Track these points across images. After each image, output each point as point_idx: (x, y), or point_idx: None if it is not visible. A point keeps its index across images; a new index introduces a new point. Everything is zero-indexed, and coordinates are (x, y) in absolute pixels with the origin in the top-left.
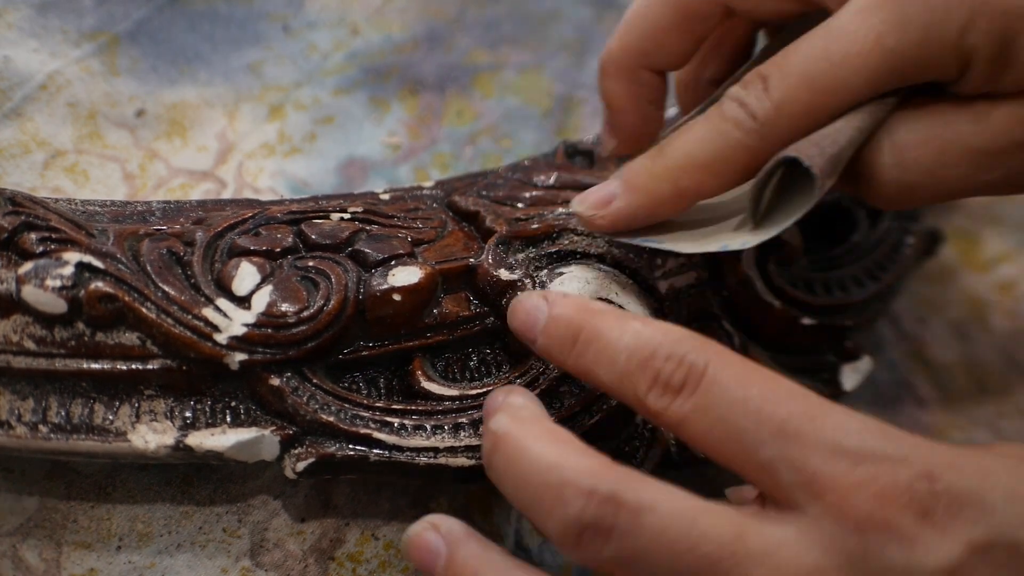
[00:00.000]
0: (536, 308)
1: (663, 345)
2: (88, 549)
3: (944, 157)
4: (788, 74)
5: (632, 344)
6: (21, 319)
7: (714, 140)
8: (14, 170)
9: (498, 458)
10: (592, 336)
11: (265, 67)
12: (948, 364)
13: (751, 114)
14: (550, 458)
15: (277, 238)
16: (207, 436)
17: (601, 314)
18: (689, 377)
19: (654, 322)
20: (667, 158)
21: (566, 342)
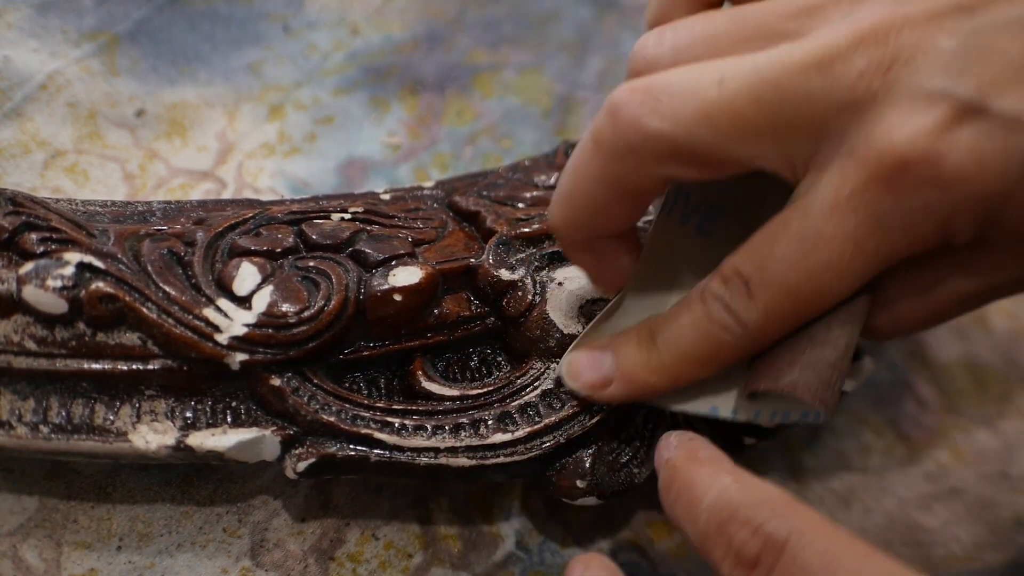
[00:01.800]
0: (667, 446)
1: (742, 508)
2: (88, 549)
3: (939, 308)
4: (769, 281)
5: (714, 502)
6: (22, 319)
7: (705, 342)
8: (14, 170)
9: None
10: (684, 487)
11: (265, 67)
12: (948, 364)
13: (739, 321)
14: None
15: (278, 238)
16: (208, 436)
17: (698, 463)
18: (765, 550)
19: (745, 477)
20: (662, 354)
21: (665, 487)
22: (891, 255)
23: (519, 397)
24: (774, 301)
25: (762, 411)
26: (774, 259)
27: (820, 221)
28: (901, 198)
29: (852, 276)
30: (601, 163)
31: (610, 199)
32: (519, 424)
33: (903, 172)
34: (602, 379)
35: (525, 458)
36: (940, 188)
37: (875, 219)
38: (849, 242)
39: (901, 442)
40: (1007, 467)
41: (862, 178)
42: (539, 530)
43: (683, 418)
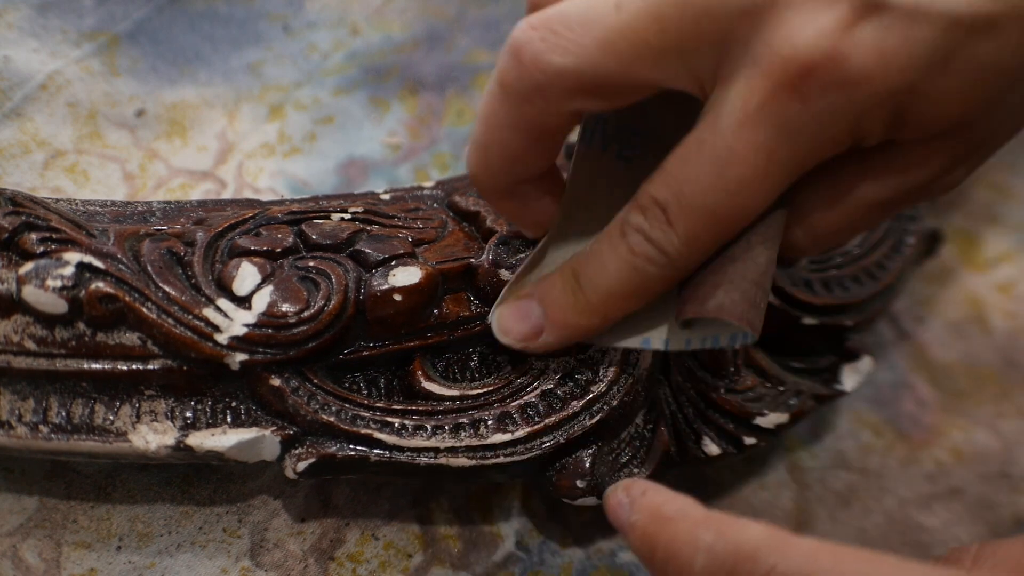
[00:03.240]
0: (620, 506)
1: (740, 566)
2: (88, 549)
3: (850, 214)
4: (687, 206)
5: (705, 566)
6: (22, 319)
7: (631, 275)
8: (14, 170)
9: None
10: (667, 554)
11: (265, 67)
12: (948, 364)
13: (661, 250)
14: None
15: (278, 238)
16: (207, 436)
17: (673, 524)
18: None
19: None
20: (588, 294)
21: (646, 553)
22: (804, 163)
23: (519, 397)
24: (694, 226)
25: (692, 339)
26: (689, 182)
27: (731, 138)
28: (808, 104)
29: (768, 189)
30: (509, 108)
31: (524, 143)
32: (519, 424)
33: (808, 77)
34: (532, 329)
35: (525, 458)
36: (846, 90)
37: (785, 128)
38: (762, 155)
39: (901, 442)
40: (1007, 467)
41: (768, 88)
42: (539, 530)
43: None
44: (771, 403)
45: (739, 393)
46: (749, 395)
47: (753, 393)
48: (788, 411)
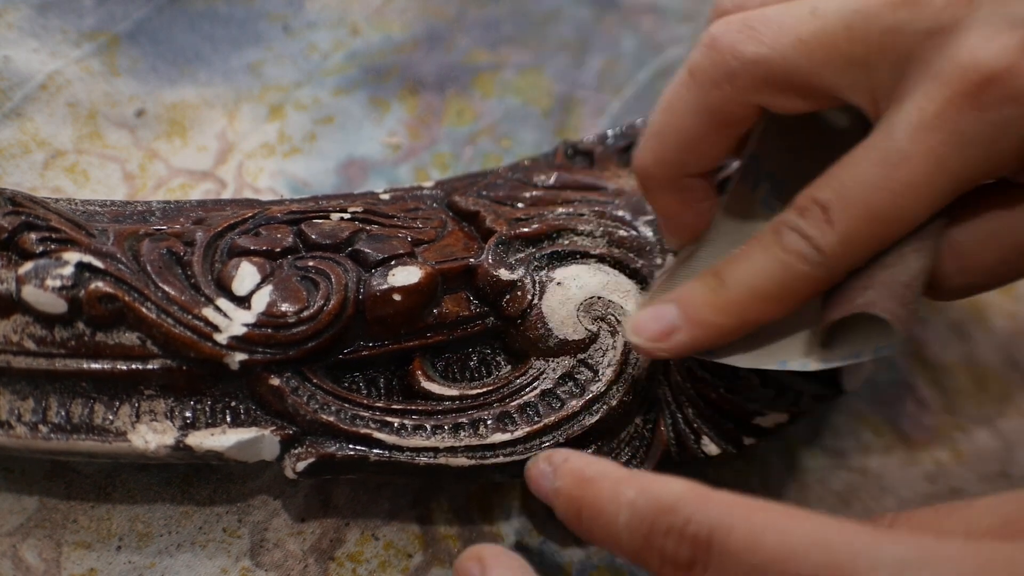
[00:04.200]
0: (542, 475)
1: (661, 516)
2: (88, 549)
3: (1007, 255)
4: (849, 205)
5: (629, 521)
6: (21, 319)
7: (778, 273)
8: (14, 170)
9: None
10: (593, 513)
11: (265, 67)
12: (948, 364)
13: (816, 247)
14: None
15: (277, 238)
16: (207, 436)
17: (597, 484)
18: (695, 552)
19: (649, 487)
20: (730, 291)
21: (573, 517)
22: (972, 176)
23: (518, 397)
24: (854, 225)
25: (834, 357)
26: (855, 182)
27: (903, 141)
28: (984, 114)
29: (933, 197)
30: (697, 92)
31: (704, 129)
32: (518, 424)
33: (986, 87)
34: (666, 328)
35: (525, 458)
36: (1022, 104)
37: (958, 135)
38: (932, 160)
39: (901, 442)
40: (1007, 467)
41: (946, 96)
42: (539, 530)
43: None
44: (771, 403)
45: (738, 393)
46: (748, 395)
47: (752, 393)
48: (788, 411)
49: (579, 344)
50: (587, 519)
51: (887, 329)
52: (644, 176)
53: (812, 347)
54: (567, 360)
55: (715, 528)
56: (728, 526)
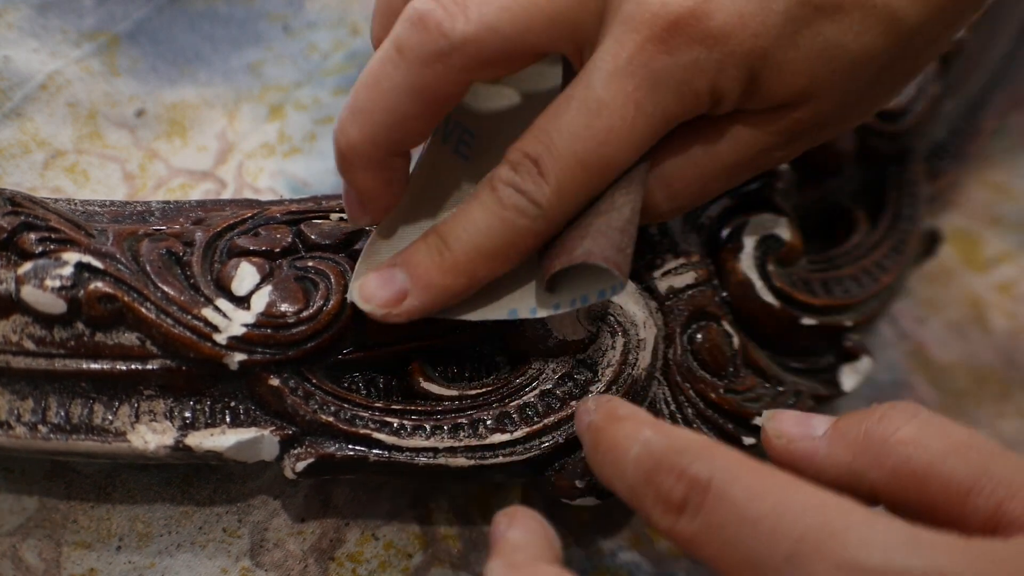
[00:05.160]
0: (586, 411)
1: (666, 456)
2: (88, 549)
3: (707, 177)
4: (559, 156)
5: (638, 455)
6: (20, 319)
7: (500, 229)
8: (14, 170)
9: None
10: (609, 446)
11: (265, 67)
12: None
13: (534, 202)
14: None
15: (276, 238)
16: (206, 436)
17: (622, 421)
18: (692, 493)
19: (667, 429)
20: (455, 252)
21: (592, 450)
22: (668, 116)
23: (518, 397)
24: (565, 175)
25: (561, 302)
26: (560, 133)
27: (601, 89)
28: (674, 57)
29: (636, 139)
30: (407, 72)
31: (416, 109)
32: (518, 424)
33: (674, 31)
34: (396, 294)
35: (524, 458)
36: (708, 45)
37: (652, 79)
38: (630, 105)
39: None
40: None
41: (637, 41)
42: None
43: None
44: (770, 403)
45: (738, 393)
46: (748, 395)
47: (752, 393)
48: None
49: (579, 344)
50: (603, 451)
51: (608, 273)
52: (348, 154)
53: (539, 294)
54: (567, 360)
55: (718, 472)
56: (733, 475)
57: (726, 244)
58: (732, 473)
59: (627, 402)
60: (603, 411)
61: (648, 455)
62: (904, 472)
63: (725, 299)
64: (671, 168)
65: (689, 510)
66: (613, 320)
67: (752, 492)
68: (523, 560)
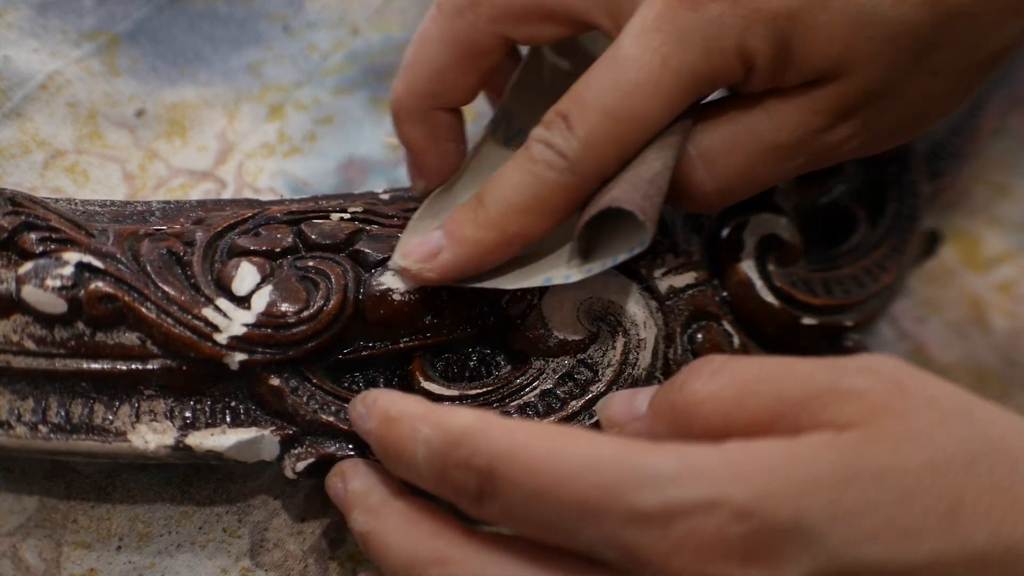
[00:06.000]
0: (360, 417)
1: (448, 452)
2: (88, 549)
3: (752, 159)
4: (587, 109)
5: (426, 457)
6: (21, 319)
7: (531, 184)
8: (14, 170)
9: (372, 554)
10: (397, 453)
11: (265, 67)
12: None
13: (560, 154)
14: (409, 553)
15: (277, 238)
16: (207, 436)
17: (399, 424)
18: (482, 482)
19: (437, 418)
20: (488, 208)
21: (382, 454)
22: (697, 73)
23: (518, 397)
24: (592, 126)
25: (593, 266)
26: (589, 90)
27: (629, 47)
28: (698, 13)
29: (664, 94)
30: (442, 23)
31: (452, 59)
32: None
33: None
34: (432, 250)
35: None
36: (732, 1)
37: (677, 35)
38: (656, 59)
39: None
40: None
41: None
42: None
43: None
44: None
45: None
46: None
47: None
48: None
49: (579, 344)
50: (393, 458)
51: (638, 229)
52: (395, 107)
53: (573, 261)
54: (567, 360)
55: (495, 458)
56: (509, 454)
57: (726, 244)
58: (507, 451)
59: (391, 393)
60: (376, 416)
61: (434, 455)
62: (711, 431)
63: (725, 299)
64: (713, 144)
65: (486, 499)
66: (613, 320)
67: (529, 466)
68: (377, 501)
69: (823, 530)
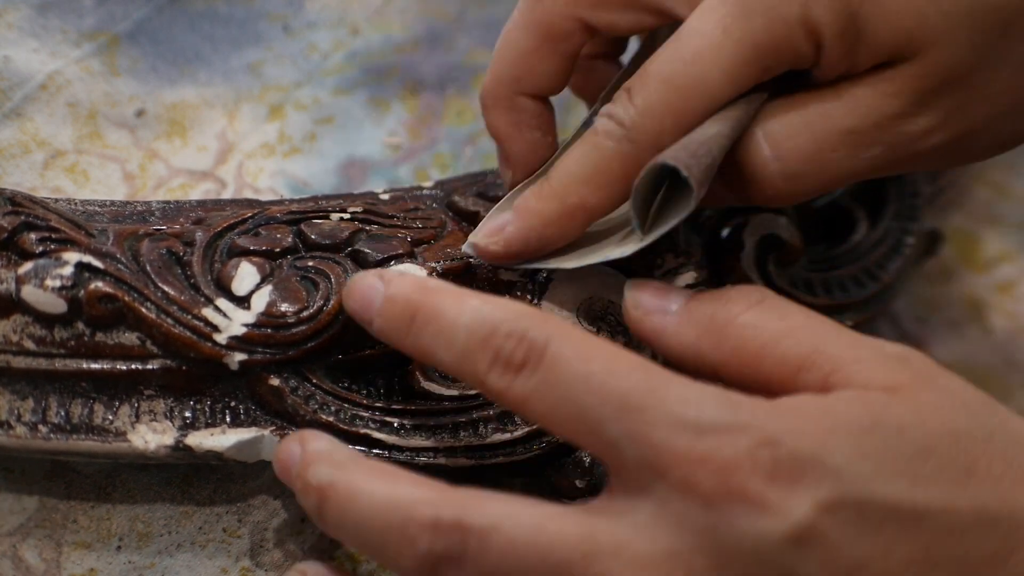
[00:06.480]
0: (372, 288)
1: (504, 322)
2: (88, 549)
3: (821, 142)
4: (648, 80)
5: (471, 322)
6: (21, 319)
7: (590, 154)
8: (14, 170)
9: (331, 510)
10: (430, 315)
11: (265, 67)
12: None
13: (619, 122)
14: (386, 497)
15: (277, 238)
16: (207, 436)
17: (439, 292)
18: (530, 354)
19: (494, 299)
20: (551, 180)
21: (403, 322)
22: (759, 44)
23: None
24: (650, 94)
25: (647, 237)
26: (653, 62)
27: (694, 20)
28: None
29: (724, 63)
30: (523, 9)
31: (533, 43)
32: (518, 424)
33: None
34: (500, 224)
35: (524, 458)
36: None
37: (739, 4)
38: (718, 29)
39: None
40: None
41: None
42: None
43: None
44: None
45: None
46: None
47: None
48: None
49: None
50: (421, 321)
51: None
52: (482, 94)
53: (630, 236)
54: None
55: (554, 337)
56: (566, 339)
57: (726, 244)
58: (566, 338)
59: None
60: (407, 283)
61: (482, 321)
62: (742, 353)
63: None
64: (781, 125)
65: (527, 371)
66: (613, 320)
67: (584, 354)
68: (345, 456)
69: (843, 465)
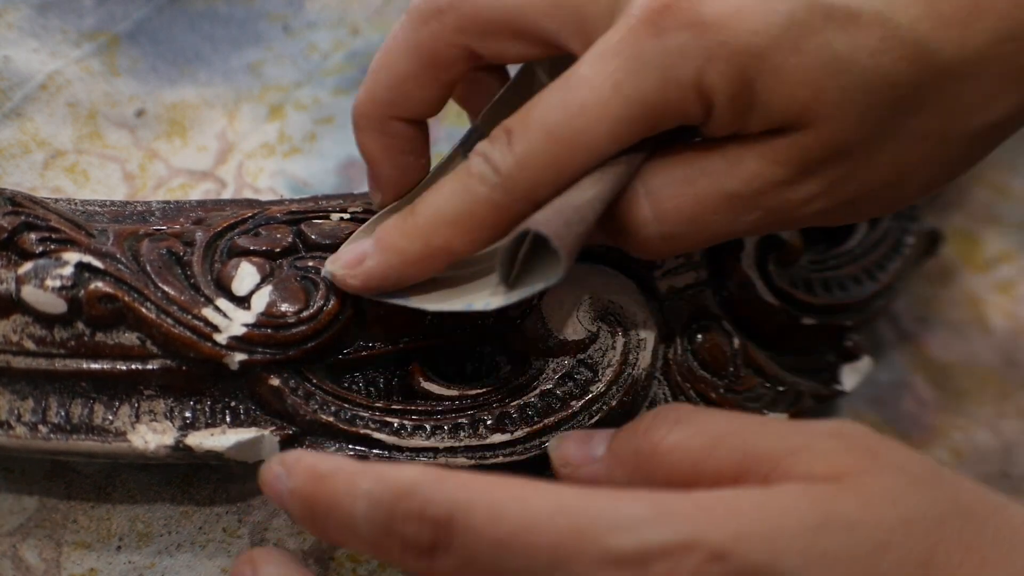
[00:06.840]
0: (277, 479)
1: (398, 503)
2: (88, 549)
3: (703, 205)
4: (529, 127)
5: (367, 510)
6: (21, 319)
7: (461, 196)
8: (14, 170)
9: None
10: (328, 508)
11: (265, 67)
12: (948, 364)
13: (494, 168)
14: None
15: (277, 238)
16: (207, 436)
17: (331, 478)
18: (437, 533)
19: (386, 473)
20: (417, 216)
21: (307, 517)
22: (648, 103)
23: (518, 397)
24: (530, 143)
25: (512, 294)
26: (537, 107)
27: (584, 68)
28: (660, 40)
29: (610, 120)
30: (407, 30)
31: (413, 68)
32: (518, 424)
33: (665, 14)
34: (359, 256)
35: (524, 458)
36: (697, 31)
37: (634, 60)
38: (608, 83)
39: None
40: (1007, 467)
41: (630, 25)
42: None
43: None
44: (770, 403)
45: (738, 393)
46: (748, 395)
47: (752, 393)
48: (787, 411)
49: (579, 344)
50: (322, 515)
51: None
52: (354, 114)
53: (497, 288)
54: (567, 360)
55: (454, 507)
56: (468, 503)
57: (726, 244)
58: (466, 500)
59: (315, 453)
60: (302, 474)
61: (377, 508)
62: (676, 479)
63: (725, 299)
64: (663, 183)
65: (440, 552)
66: (613, 320)
67: (492, 513)
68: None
69: (798, 573)
